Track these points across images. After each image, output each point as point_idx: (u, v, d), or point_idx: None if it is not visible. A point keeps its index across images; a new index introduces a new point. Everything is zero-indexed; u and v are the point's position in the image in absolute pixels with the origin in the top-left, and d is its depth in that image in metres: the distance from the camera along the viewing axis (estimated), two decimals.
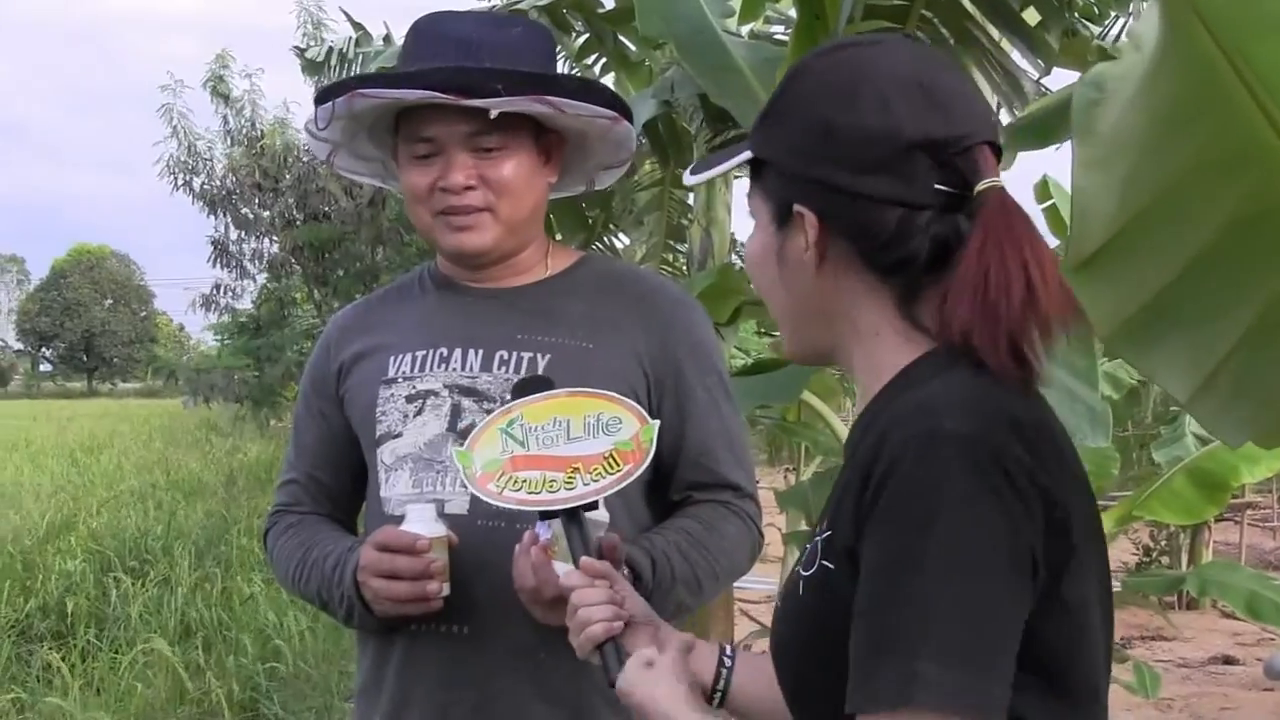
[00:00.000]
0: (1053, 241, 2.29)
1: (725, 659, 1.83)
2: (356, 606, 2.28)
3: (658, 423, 2.05)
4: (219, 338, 31.52)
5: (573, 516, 1.96)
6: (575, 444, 2.01)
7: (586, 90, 2.38)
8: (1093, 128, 1.14)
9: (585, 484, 1.97)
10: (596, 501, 1.99)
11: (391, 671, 2.35)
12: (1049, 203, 7.10)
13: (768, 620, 8.90)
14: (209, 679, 7.27)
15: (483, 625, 2.26)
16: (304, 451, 2.55)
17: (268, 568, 2.49)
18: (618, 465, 1.99)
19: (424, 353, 2.40)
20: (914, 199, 1.45)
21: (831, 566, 1.41)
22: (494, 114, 2.27)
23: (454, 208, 2.33)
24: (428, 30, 2.41)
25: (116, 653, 7.64)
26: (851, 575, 1.37)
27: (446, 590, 2.19)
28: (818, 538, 1.46)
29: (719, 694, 1.81)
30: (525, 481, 1.98)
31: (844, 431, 5.54)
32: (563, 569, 2.02)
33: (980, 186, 1.42)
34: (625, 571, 2.12)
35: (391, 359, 2.42)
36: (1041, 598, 1.33)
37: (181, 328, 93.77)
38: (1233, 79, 1.03)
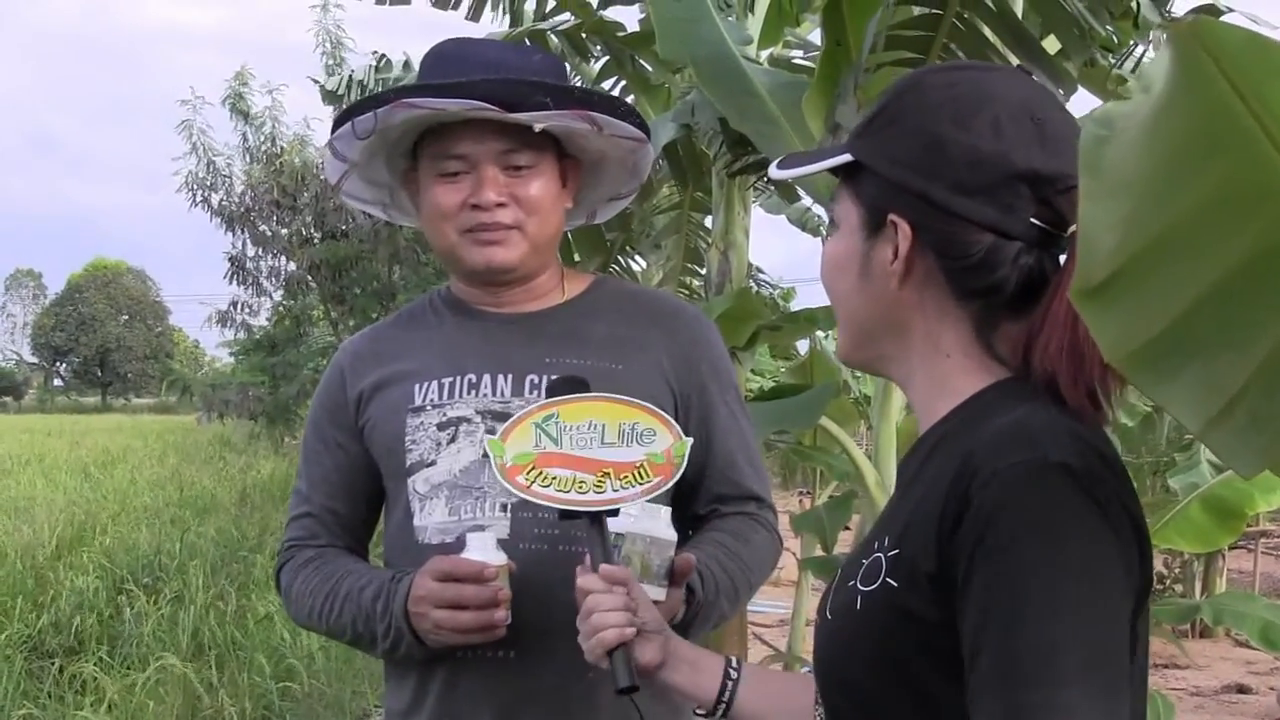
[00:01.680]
0: None
1: (731, 671, 1.83)
2: (405, 637, 2.26)
3: (690, 440, 2.06)
4: (234, 354, 31.56)
5: (595, 520, 1.97)
6: (608, 449, 2.02)
7: (620, 109, 2.39)
8: (1099, 164, 1.14)
9: (614, 490, 1.99)
10: (618, 510, 2.00)
11: (432, 698, 2.33)
12: None
13: (781, 644, 8.92)
14: (221, 697, 7.27)
15: (529, 648, 2.26)
16: (318, 484, 2.51)
17: None
18: (647, 476, 2.01)
19: (451, 379, 2.38)
20: (1009, 229, 1.46)
21: (896, 585, 1.42)
22: (537, 128, 2.29)
23: (484, 225, 2.33)
24: (453, 53, 2.41)
25: (129, 670, 7.64)
26: (930, 598, 1.38)
27: (510, 618, 2.18)
28: (881, 553, 1.46)
29: (723, 705, 1.81)
30: (555, 479, 1.99)
31: (860, 456, 5.53)
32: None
33: (1074, 228, 1.43)
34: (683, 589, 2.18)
35: (417, 387, 2.40)
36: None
37: (197, 344, 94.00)
38: (1248, 119, 1.04)
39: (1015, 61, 4.27)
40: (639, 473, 2.01)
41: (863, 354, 1.64)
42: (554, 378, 2.14)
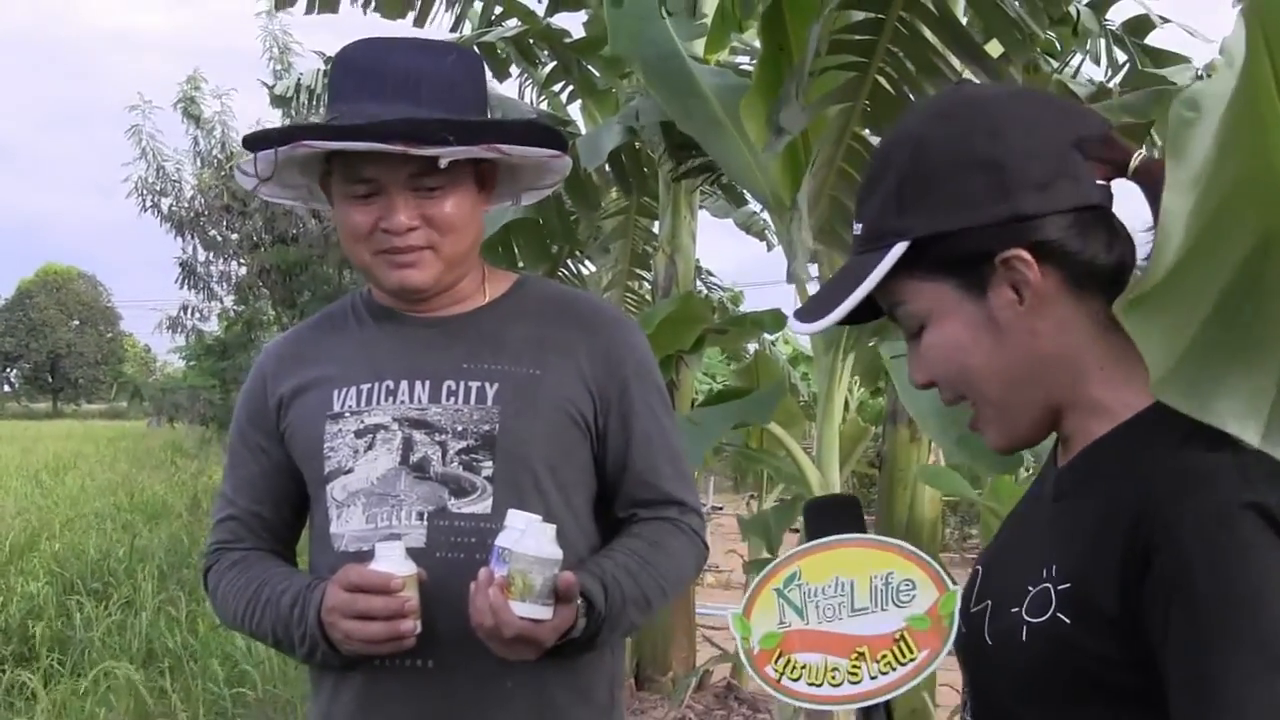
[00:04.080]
0: None
1: None
2: (320, 645, 2.25)
3: (959, 589, 1.69)
4: (185, 358, 31.34)
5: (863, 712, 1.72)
6: (860, 618, 1.69)
7: (531, 131, 2.36)
8: (1186, 149, 1.06)
9: (872, 677, 1.66)
10: (878, 707, 1.68)
11: (350, 707, 2.33)
12: None
13: (730, 646, 8.90)
14: (174, 703, 7.23)
15: (447, 658, 2.24)
16: (243, 487, 2.51)
17: None
18: (909, 653, 1.65)
19: (369, 386, 2.36)
20: (1087, 197, 1.41)
21: (1069, 621, 1.38)
22: (443, 164, 2.24)
23: (396, 247, 2.29)
24: (360, 62, 2.34)
25: (79, 676, 7.59)
26: (1109, 637, 1.35)
27: (419, 628, 2.17)
28: (1049, 584, 1.42)
29: None
30: (805, 668, 1.69)
31: (804, 459, 5.56)
32: (520, 608, 2.03)
33: (1135, 162, 1.40)
34: (580, 602, 2.14)
35: (335, 393, 2.38)
36: None
37: (148, 349, 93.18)
38: (1274, 97, 1.00)
39: (958, 65, 4.31)
40: (900, 648, 1.65)
41: (1022, 427, 1.54)
42: (817, 497, 2.00)
